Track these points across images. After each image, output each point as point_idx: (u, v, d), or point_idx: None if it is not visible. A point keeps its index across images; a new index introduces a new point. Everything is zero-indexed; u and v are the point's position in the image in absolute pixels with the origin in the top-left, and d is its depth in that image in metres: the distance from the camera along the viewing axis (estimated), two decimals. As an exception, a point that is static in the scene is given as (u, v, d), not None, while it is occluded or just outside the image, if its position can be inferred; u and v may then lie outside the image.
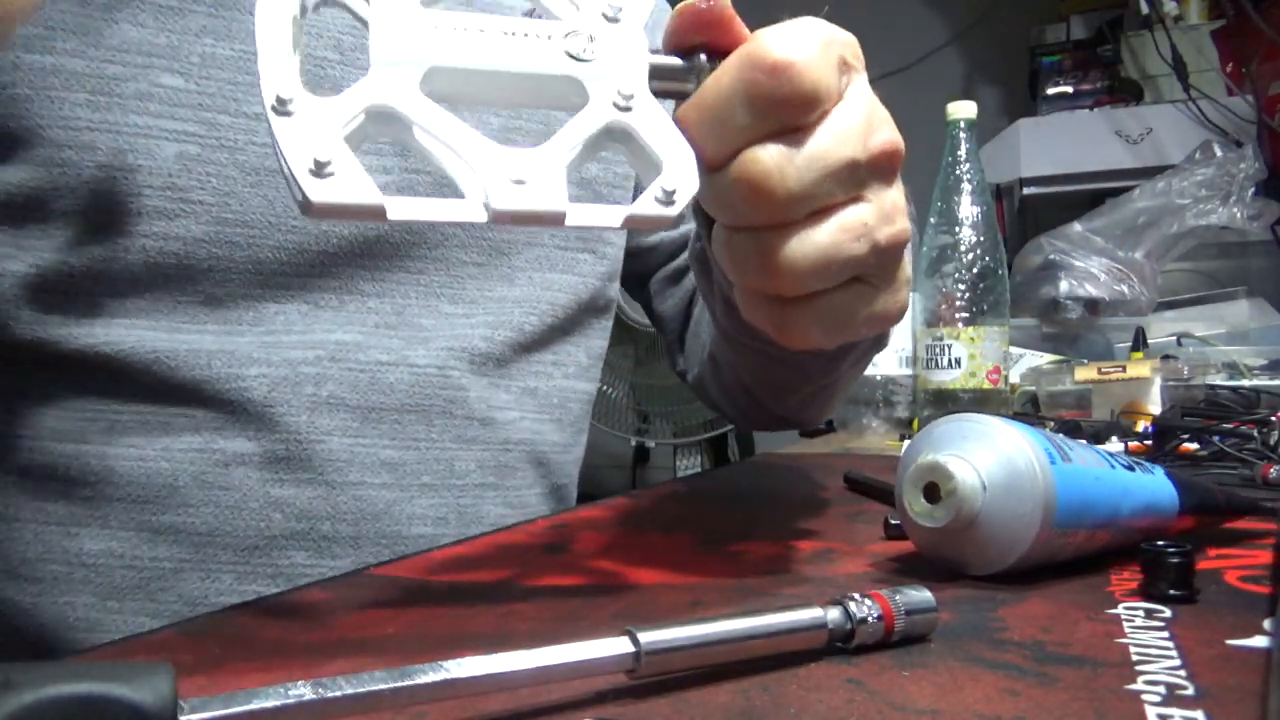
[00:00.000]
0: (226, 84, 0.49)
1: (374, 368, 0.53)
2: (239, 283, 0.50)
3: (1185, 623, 0.29)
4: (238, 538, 0.50)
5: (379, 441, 0.53)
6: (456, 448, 0.56)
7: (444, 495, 0.55)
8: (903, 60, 2.31)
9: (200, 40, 0.49)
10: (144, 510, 0.49)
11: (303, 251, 0.51)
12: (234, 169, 0.49)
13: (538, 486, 0.61)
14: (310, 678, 0.19)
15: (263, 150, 0.50)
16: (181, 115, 0.48)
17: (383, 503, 0.52)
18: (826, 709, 0.22)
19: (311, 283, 0.52)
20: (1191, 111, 1.48)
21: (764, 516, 0.49)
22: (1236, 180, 1.26)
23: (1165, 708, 0.22)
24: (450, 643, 0.28)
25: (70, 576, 0.49)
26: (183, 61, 0.48)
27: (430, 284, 0.55)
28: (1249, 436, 0.63)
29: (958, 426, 0.34)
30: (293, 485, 0.50)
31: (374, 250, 0.54)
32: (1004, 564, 0.33)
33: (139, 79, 0.48)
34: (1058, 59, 1.75)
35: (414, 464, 0.54)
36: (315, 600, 0.34)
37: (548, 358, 0.62)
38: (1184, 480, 0.38)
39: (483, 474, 0.57)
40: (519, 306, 0.59)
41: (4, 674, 0.16)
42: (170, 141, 0.48)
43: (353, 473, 0.52)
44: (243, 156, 0.50)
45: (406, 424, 0.54)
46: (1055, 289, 1.25)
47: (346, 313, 0.53)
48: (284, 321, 0.51)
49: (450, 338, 0.55)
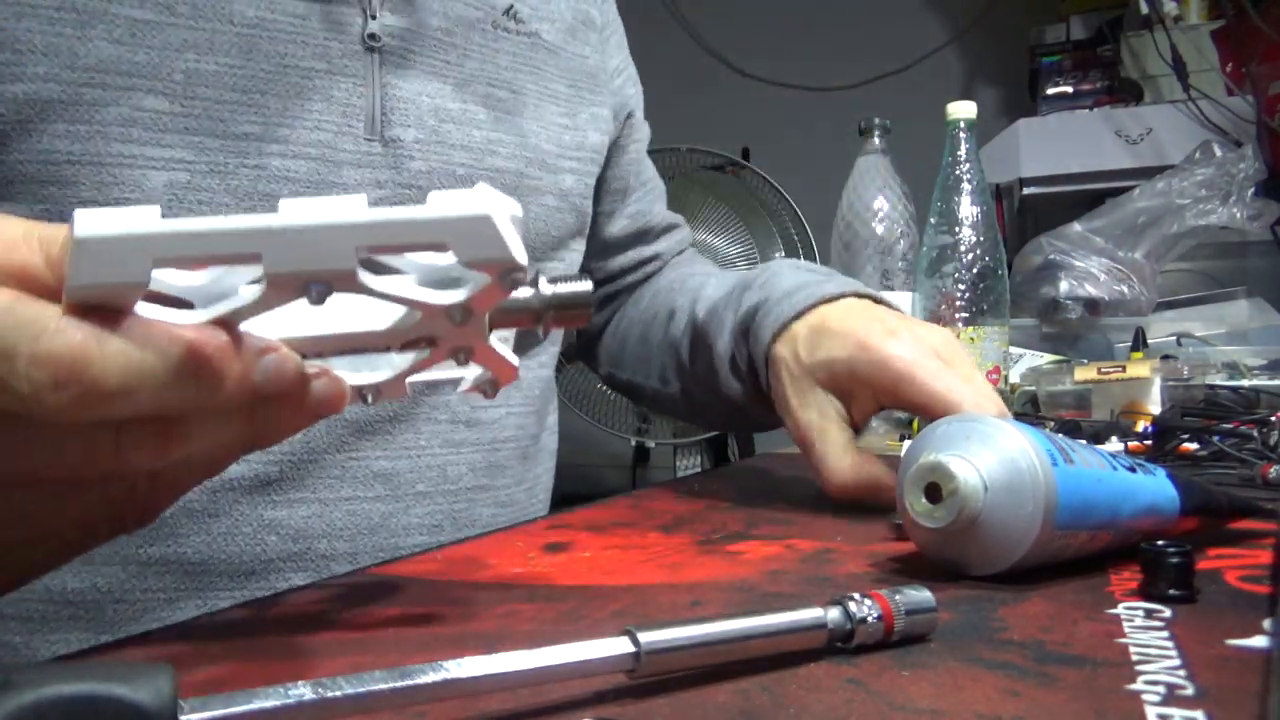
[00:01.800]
0: (213, 104, 0.47)
1: None
2: None
3: (1185, 623, 0.29)
4: (233, 564, 0.48)
5: (372, 454, 0.52)
6: (447, 452, 0.55)
7: (438, 502, 0.55)
8: (903, 60, 2.31)
9: (182, 56, 0.46)
10: (129, 544, 0.47)
11: None
12: (226, 195, 0.47)
13: (525, 481, 0.62)
14: (310, 678, 0.19)
15: (255, 173, 0.48)
16: (168, 141, 0.46)
17: (378, 515, 0.52)
18: (826, 709, 0.22)
19: None
20: (1191, 111, 1.48)
21: (764, 516, 0.48)
22: (1236, 180, 1.26)
23: (1165, 708, 0.22)
24: (450, 643, 0.28)
25: (57, 615, 0.47)
26: (165, 80, 0.45)
27: None
28: (1249, 436, 0.63)
29: (960, 427, 0.34)
30: (285, 506, 0.49)
31: None
32: (1005, 564, 0.33)
33: (120, 103, 0.45)
34: (1058, 59, 1.75)
35: (407, 473, 0.53)
36: (315, 600, 0.34)
37: (533, 352, 0.62)
38: (1185, 481, 0.38)
39: (475, 476, 0.57)
40: None
41: (4, 674, 0.16)
42: (158, 170, 0.45)
43: (345, 488, 0.51)
44: (235, 181, 0.47)
45: (397, 433, 0.53)
46: (1055, 289, 1.25)
47: None
48: None
49: None
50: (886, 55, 2.31)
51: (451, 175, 0.54)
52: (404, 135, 0.53)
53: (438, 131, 0.54)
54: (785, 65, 2.42)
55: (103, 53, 0.44)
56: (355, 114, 0.51)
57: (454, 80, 0.55)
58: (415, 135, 0.53)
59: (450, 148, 0.55)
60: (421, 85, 0.54)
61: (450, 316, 0.26)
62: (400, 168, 0.53)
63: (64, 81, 0.44)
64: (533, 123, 0.60)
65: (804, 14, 2.46)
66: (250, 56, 0.48)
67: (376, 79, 0.52)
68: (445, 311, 0.25)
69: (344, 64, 0.51)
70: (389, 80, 0.52)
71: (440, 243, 0.23)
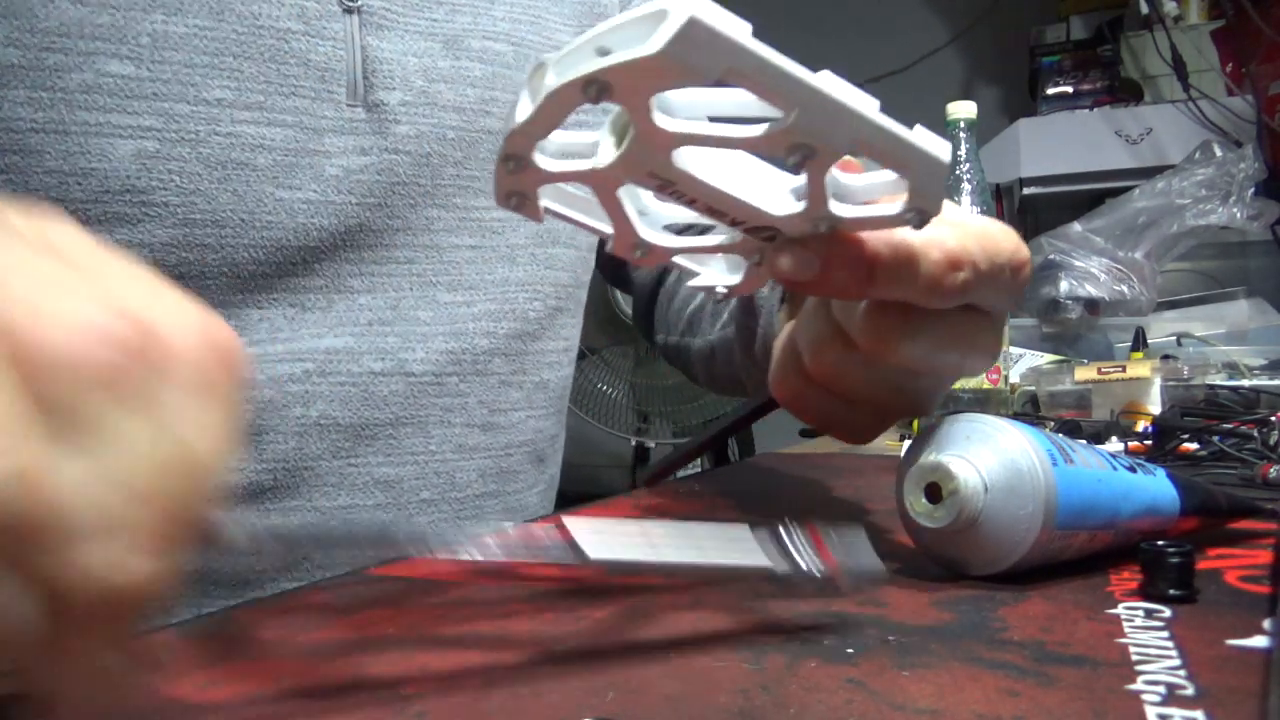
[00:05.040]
0: (182, 67, 0.45)
1: (365, 379, 0.50)
2: (215, 289, 0.47)
3: (1185, 623, 0.29)
4: (228, 573, 0.47)
5: (373, 460, 0.50)
6: (457, 458, 0.53)
7: (443, 509, 0.53)
8: (903, 60, 2.31)
9: (149, 17, 0.44)
10: None
11: (281, 249, 0.48)
12: (198, 164, 0.45)
13: (538, 485, 0.60)
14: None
15: (228, 141, 0.46)
16: (135, 108, 0.44)
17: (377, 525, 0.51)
18: (826, 709, 0.22)
19: (295, 283, 0.48)
20: (1191, 111, 1.48)
21: (764, 516, 0.48)
22: (1236, 180, 1.26)
23: (1165, 708, 0.22)
24: (450, 643, 0.28)
25: None
26: (131, 44, 0.44)
27: (424, 273, 0.52)
28: (1249, 436, 0.63)
29: (960, 427, 0.34)
30: (280, 515, 0.48)
31: (359, 242, 0.50)
32: (1004, 565, 0.33)
33: (83, 68, 0.43)
34: (1058, 59, 1.75)
35: (411, 480, 0.52)
36: (315, 600, 0.34)
37: (559, 345, 0.60)
38: (1185, 482, 0.38)
39: (484, 482, 0.55)
40: (523, 291, 0.56)
41: None
42: (125, 139, 0.44)
43: (343, 496, 0.49)
44: (206, 150, 0.45)
45: (402, 438, 0.51)
46: (1055, 289, 1.25)
47: (336, 313, 0.49)
48: (268, 329, 0.48)
49: (449, 334, 0.53)
50: (886, 55, 2.30)
51: (442, 138, 0.52)
52: (388, 99, 0.50)
53: (427, 93, 0.52)
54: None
55: (64, 15, 0.43)
56: (335, 78, 0.49)
57: (443, 38, 0.53)
58: (401, 98, 0.51)
59: (441, 109, 0.52)
60: (407, 45, 0.51)
61: (817, 224, 0.30)
62: (386, 133, 0.50)
63: (24, 46, 0.42)
64: None
65: (804, 14, 2.46)
66: (221, 18, 0.46)
67: (356, 41, 0.49)
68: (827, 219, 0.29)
69: (321, 25, 0.48)
70: (370, 42, 0.50)
71: (905, 165, 0.27)
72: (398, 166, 0.51)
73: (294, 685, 0.24)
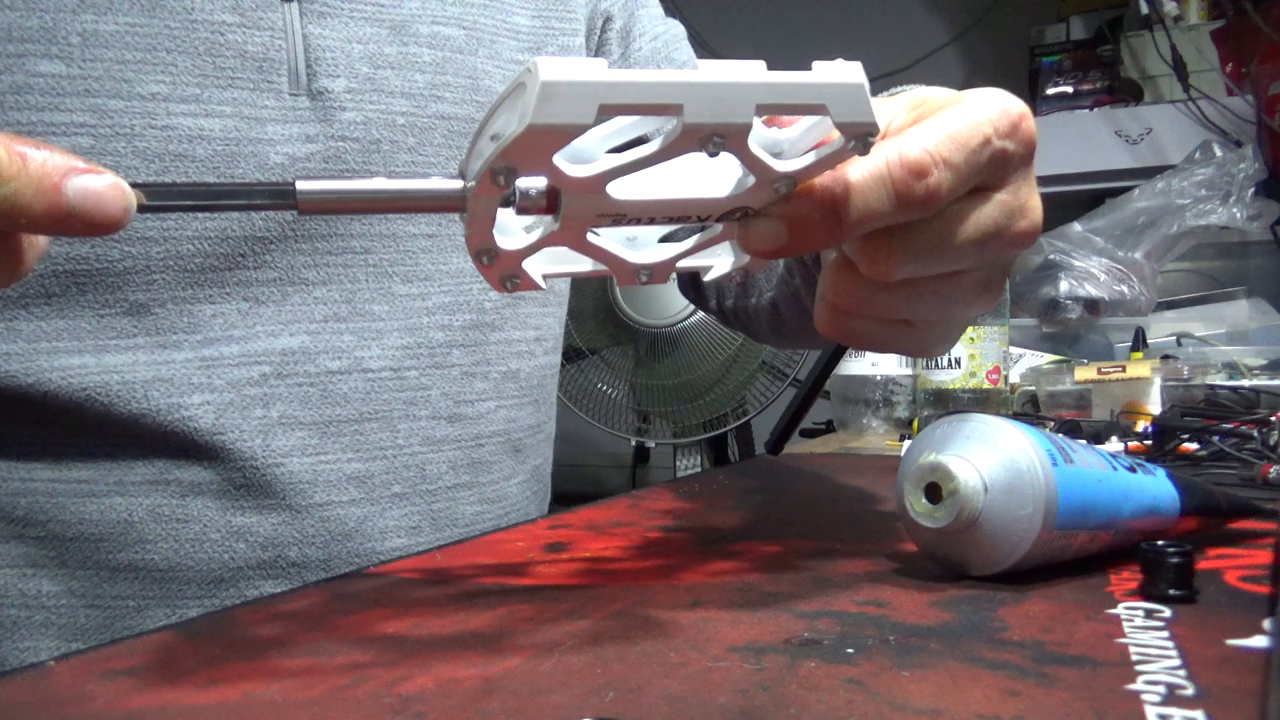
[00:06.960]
0: (114, 64, 0.45)
1: (324, 379, 0.50)
2: (163, 284, 0.46)
3: (1185, 623, 0.29)
4: (201, 571, 0.47)
5: (342, 456, 0.50)
6: (426, 451, 0.53)
7: (416, 503, 0.53)
8: (903, 60, 2.31)
9: (78, 18, 0.44)
10: (100, 549, 0.46)
11: (227, 239, 0.47)
12: (134, 158, 0.45)
13: (517, 475, 0.59)
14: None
15: (164, 134, 0.46)
16: (68, 105, 0.44)
17: (353, 520, 0.50)
18: (826, 709, 0.22)
19: (246, 275, 0.48)
20: (1191, 111, 1.48)
21: (764, 516, 0.49)
22: (1236, 180, 1.26)
23: (1165, 708, 0.22)
24: (450, 643, 0.28)
25: (30, 620, 0.46)
26: (61, 44, 0.44)
27: (379, 263, 0.52)
28: (1249, 436, 0.63)
29: (960, 426, 0.34)
30: (255, 513, 0.48)
31: (311, 231, 0.49)
32: (1004, 565, 0.33)
33: (13, 70, 0.43)
34: (1058, 59, 1.75)
35: (382, 475, 0.51)
36: (315, 600, 0.34)
37: (527, 334, 0.59)
38: (1186, 482, 0.38)
39: (456, 474, 0.55)
40: (477, 281, 0.55)
41: None
42: (58, 136, 0.44)
43: (317, 493, 0.49)
44: (142, 143, 0.45)
45: (369, 433, 0.51)
46: (1055, 289, 1.25)
47: (290, 307, 0.49)
48: (222, 325, 0.47)
49: (404, 329, 0.52)
50: (887, 54, 2.31)
51: (391, 124, 0.52)
52: (333, 86, 0.50)
53: (373, 79, 0.51)
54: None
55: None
56: (275, 68, 0.48)
57: (390, 24, 0.52)
58: (346, 85, 0.50)
59: (389, 95, 0.51)
60: (351, 31, 0.51)
61: (776, 189, 0.29)
62: (331, 120, 0.50)
63: None
64: (487, 62, 0.55)
65: (804, 14, 2.46)
66: (153, 14, 0.46)
67: (296, 30, 0.49)
68: (779, 179, 0.29)
69: (258, 16, 0.48)
70: (311, 30, 0.49)
71: (819, 105, 0.27)
72: (345, 154, 0.50)
73: (294, 685, 0.24)
